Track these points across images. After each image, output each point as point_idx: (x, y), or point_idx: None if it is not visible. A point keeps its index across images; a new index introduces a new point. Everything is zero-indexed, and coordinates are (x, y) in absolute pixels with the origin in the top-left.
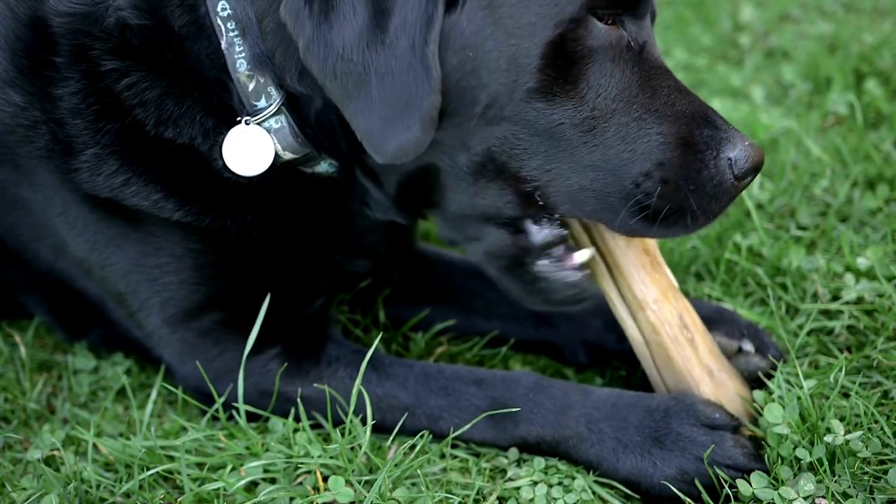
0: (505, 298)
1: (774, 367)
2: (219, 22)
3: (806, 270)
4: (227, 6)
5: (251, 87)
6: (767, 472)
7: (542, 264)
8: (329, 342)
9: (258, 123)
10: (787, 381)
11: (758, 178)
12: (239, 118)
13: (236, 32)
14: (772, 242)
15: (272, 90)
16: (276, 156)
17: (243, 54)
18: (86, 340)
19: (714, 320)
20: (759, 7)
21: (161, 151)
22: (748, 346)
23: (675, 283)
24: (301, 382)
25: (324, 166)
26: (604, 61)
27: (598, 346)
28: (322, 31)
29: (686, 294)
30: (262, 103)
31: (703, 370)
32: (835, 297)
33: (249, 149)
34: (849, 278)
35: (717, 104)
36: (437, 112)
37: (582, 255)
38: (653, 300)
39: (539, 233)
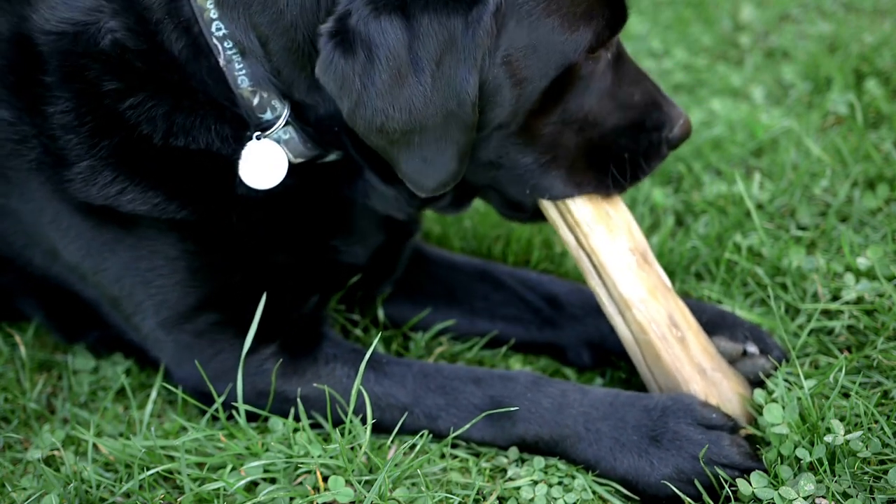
0: (508, 300)
1: (778, 368)
2: (214, 41)
3: (806, 270)
4: (222, 26)
5: (255, 101)
6: (765, 471)
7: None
8: (325, 341)
9: (269, 137)
10: (787, 381)
11: (758, 178)
12: (250, 132)
13: (234, 51)
14: (772, 242)
15: (276, 103)
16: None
17: (244, 71)
18: (83, 343)
19: (717, 324)
20: (759, 7)
21: (166, 158)
22: (752, 349)
23: (668, 282)
24: (298, 381)
25: (332, 156)
26: (589, 83)
27: (601, 347)
28: (369, 96)
29: (686, 294)
30: (267, 115)
31: (693, 368)
32: (835, 297)
33: (264, 163)
34: (849, 278)
35: (717, 104)
36: (470, 146)
37: None
38: (639, 299)
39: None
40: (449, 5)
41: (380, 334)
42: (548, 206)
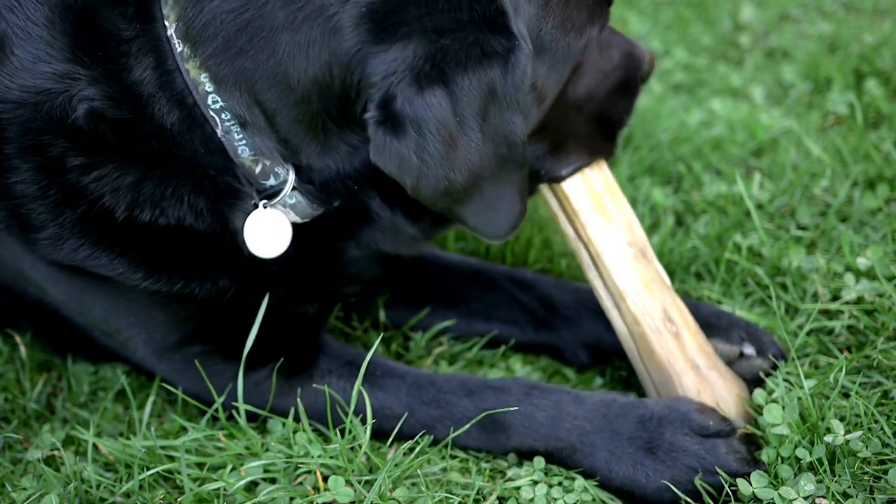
0: (503, 302)
1: (776, 367)
2: (211, 114)
3: (806, 270)
4: (219, 99)
5: (258, 169)
6: (765, 471)
7: None
8: (321, 356)
9: (276, 205)
10: (787, 381)
11: (758, 178)
12: (254, 201)
13: (233, 122)
14: (772, 242)
15: (279, 169)
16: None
17: (244, 142)
18: (77, 356)
19: (713, 325)
20: (759, 7)
21: (132, 231)
22: (749, 350)
23: (666, 279)
24: (292, 399)
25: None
26: (587, 67)
27: (598, 348)
28: (428, 167)
29: (686, 294)
30: (270, 181)
31: (686, 363)
32: (835, 297)
33: (269, 232)
34: (849, 278)
35: (717, 104)
36: (527, 181)
37: None
38: (634, 291)
39: None
40: (485, 60)
41: (379, 337)
42: (548, 198)
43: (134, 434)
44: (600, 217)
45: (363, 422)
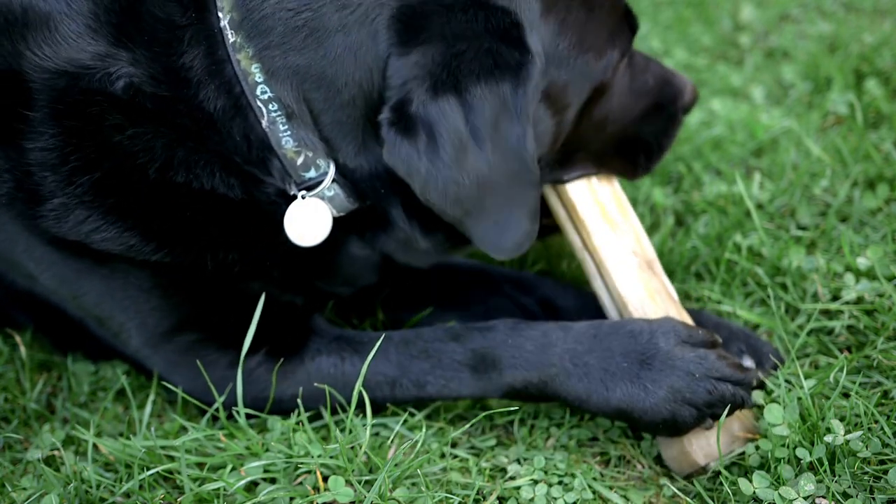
0: (505, 304)
1: (775, 369)
2: (258, 104)
3: (806, 270)
4: (268, 90)
5: (300, 161)
6: (753, 382)
7: None
8: (312, 337)
9: (316, 195)
10: (787, 381)
11: (758, 178)
12: (292, 192)
13: (279, 113)
14: (772, 242)
15: (321, 161)
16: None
17: (288, 133)
18: (77, 353)
19: None
20: (759, 7)
21: (158, 192)
22: (749, 363)
23: (673, 293)
24: (289, 384)
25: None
26: (612, 89)
27: None
28: (437, 169)
29: (686, 294)
30: (311, 173)
31: None
32: (835, 297)
33: (310, 221)
34: (849, 278)
35: (717, 104)
36: (539, 202)
37: None
38: (637, 299)
39: None
40: (496, 72)
41: (381, 337)
42: (556, 207)
43: (134, 434)
44: (606, 226)
45: (359, 401)
